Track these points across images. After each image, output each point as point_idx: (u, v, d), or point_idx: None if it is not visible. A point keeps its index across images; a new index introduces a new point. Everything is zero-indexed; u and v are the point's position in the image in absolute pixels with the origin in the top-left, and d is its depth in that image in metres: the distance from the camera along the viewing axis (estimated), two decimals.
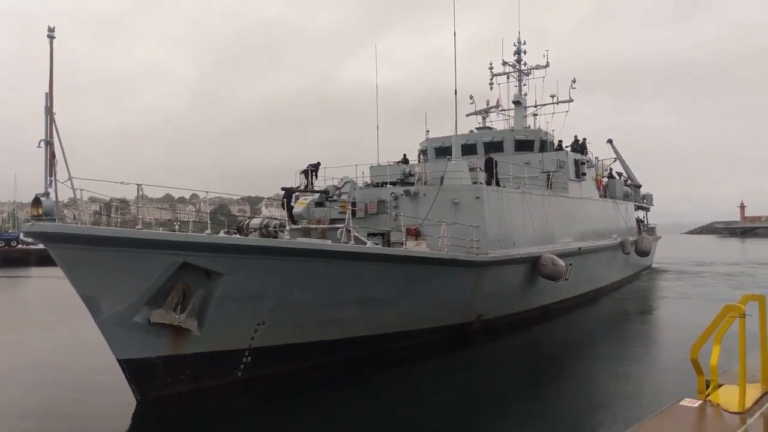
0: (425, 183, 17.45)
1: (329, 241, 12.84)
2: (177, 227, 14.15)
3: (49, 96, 9.83)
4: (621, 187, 33.21)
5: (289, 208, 17.97)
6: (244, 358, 12.11)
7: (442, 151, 24.37)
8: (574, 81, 29.73)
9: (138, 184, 10.74)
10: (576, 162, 24.61)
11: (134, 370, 10.79)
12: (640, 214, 39.92)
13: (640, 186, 40.12)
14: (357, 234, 13.75)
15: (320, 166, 19.82)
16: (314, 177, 19.46)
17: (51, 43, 9.89)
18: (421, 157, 25.72)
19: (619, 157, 38.69)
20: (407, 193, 17.12)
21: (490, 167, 18.68)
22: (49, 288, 33.24)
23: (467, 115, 29.00)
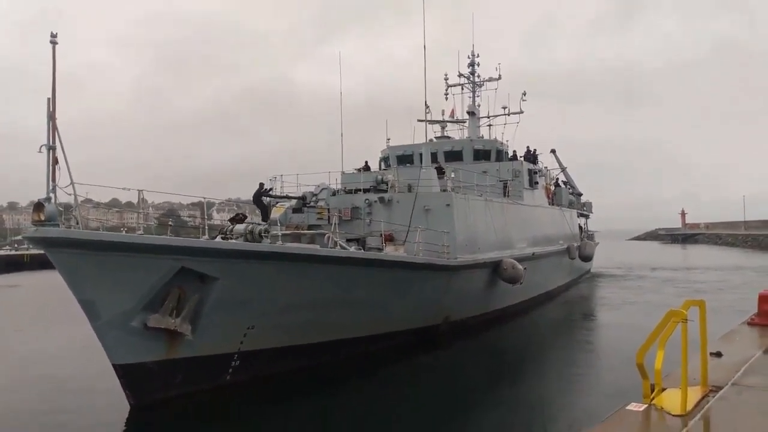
0: (398, 190, 18.19)
1: (318, 246, 13.32)
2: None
3: (52, 101, 9.90)
4: (566, 195, 35.20)
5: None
6: (233, 362, 12.40)
7: (404, 159, 25.19)
8: (524, 94, 31.34)
9: (139, 190, 10.90)
10: (530, 171, 26.08)
11: (129, 374, 10.90)
12: (581, 221, 42.20)
13: (581, 194, 42.47)
14: (339, 240, 14.31)
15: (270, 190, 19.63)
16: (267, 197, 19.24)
17: (53, 49, 9.98)
18: (383, 164, 26.43)
19: (561, 166, 40.83)
20: (381, 200, 17.80)
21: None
22: None
23: (419, 121, 29.96)
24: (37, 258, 58.87)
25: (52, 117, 9.86)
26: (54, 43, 9.94)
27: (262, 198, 18.17)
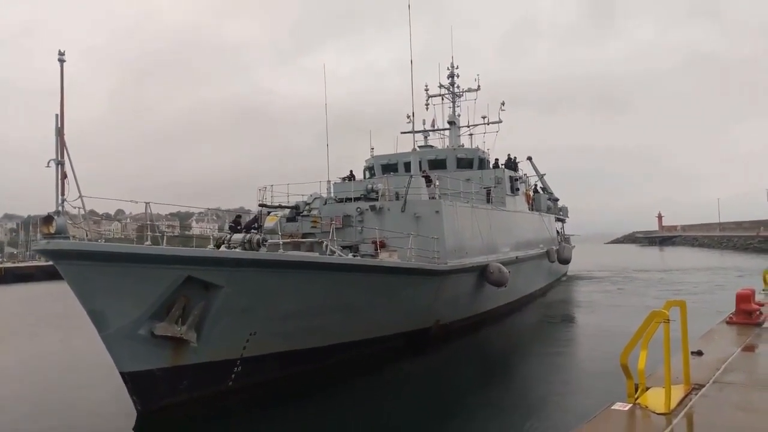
0: (388, 199, 18.70)
1: (318, 254, 13.72)
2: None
3: (60, 117, 10.15)
4: (545, 201, 36.17)
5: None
6: (236, 368, 12.69)
7: (388, 168, 25.71)
8: (503, 103, 32.24)
9: (147, 203, 11.17)
10: (511, 178, 26.87)
11: (136, 382, 11.13)
12: (558, 225, 43.20)
13: (557, 199, 43.51)
14: (334, 248, 14.73)
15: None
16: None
17: (61, 66, 10.23)
18: (367, 173, 26.90)
19: (537, 173, 41.84)
20: (372, 208, 18.28)
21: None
22: None
23: (402, 133, 30.68)
24: (12, 271, 58.03)
25: (60, 132, 10.10)
26: (62, 60, 10.20)
27: (250, 228, 18.38)
